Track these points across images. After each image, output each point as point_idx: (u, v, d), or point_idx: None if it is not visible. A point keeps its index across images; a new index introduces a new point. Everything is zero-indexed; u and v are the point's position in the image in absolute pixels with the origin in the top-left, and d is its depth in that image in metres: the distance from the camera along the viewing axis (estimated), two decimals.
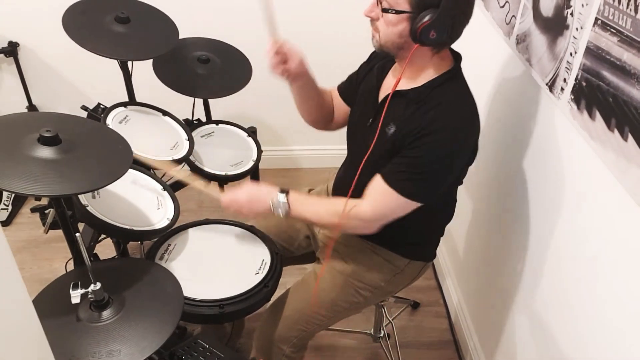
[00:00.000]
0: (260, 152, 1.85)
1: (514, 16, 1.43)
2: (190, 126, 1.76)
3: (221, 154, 1.79)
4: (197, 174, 1.66)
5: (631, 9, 0.92)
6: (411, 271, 1.41)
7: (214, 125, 1.91)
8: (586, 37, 1.06)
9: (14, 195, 2.36)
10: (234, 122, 1.93)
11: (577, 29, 1.10)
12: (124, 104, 1.64)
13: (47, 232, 1.30)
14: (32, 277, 2.10)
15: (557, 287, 1.22)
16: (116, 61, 1.66)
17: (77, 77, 2.45)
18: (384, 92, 1.29)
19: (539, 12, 1.28)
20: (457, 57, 1.22)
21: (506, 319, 1.51)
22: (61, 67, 2.42)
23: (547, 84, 1.23)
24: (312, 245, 1.55)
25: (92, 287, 1.02)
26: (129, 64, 1.71)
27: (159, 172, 1.49)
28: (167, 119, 1.71)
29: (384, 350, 1.88)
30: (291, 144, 2.74)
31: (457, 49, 1.24)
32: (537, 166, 1.32)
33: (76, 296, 1.00)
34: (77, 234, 1.03)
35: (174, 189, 1.50)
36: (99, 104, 1.67)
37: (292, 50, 1.30)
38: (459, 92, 1.20)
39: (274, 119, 2.65)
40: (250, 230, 1.46)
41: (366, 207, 1.21)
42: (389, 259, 1.38)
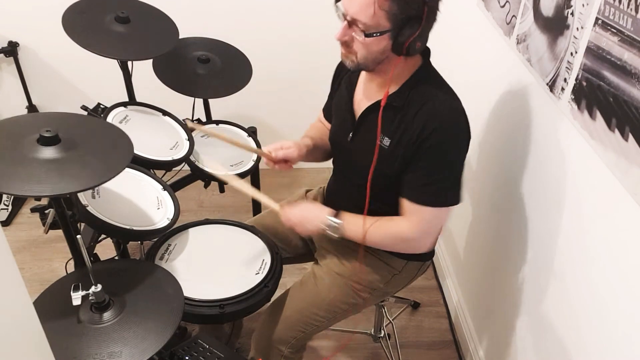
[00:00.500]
0: None
1: (514, 16, 1.42)
2: None
3: (221, 154, 1.79)
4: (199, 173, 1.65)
5: (632, 9, 0.92)
6: (409, 272, 1.41)
7: (214, 125, 1.90)
8: (587, 37, 1.06)
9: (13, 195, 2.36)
10: (234, 122, 1.93)
11: (577, 29, 1.10)
12: (124, 104, 1.64)
13: (47, 232, 1.30)
14: (32, 277, 2.10)
15: (558, 287, 1.22)
16: (116, 61, 1.66)
17: (77, 77, 2.45)
18: (357, 104, 1.29)
19: (539, 12, 1.28)
20: (424, 51, 1.20)
21: (506, 319, 1.51)
22: (61, 67, 2.42)
23: (547, 84, 1.23)
24: (310, 246, 1.55)
25: (93, 288, 1.02)
26: (129, 64, 1.71)
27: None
28: (167, 119, 1.71)
29: (384, 350, 1.88)
30: None
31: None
32: (538, 166, 1.32)
33: (77, 298, 1.00)
34: (78, 236, 1.03)
35: (174, 189, 1.50)
36: (99, 104, 1.67)
37: (285, 150, 1.32)
38: (436, 84, 1.20)
39: (274, 119, 2.65)
40: (250, 230, 1.46)
41: (408, 229, 1.22)
42: (387, 260, 1.38)
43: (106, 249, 1.61)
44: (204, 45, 1.86)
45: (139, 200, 1.38)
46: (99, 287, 1.03)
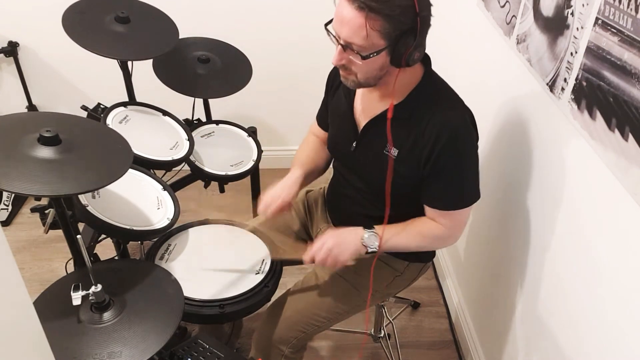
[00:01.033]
0: (260, 152, 1.85)
1: (514, 16, 1.42)
2: (190, 126, 1.76)
3: (221, 154, 1.79)
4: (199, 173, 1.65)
5: (632, 9, 0.92)
6: (410, 273, 1.42)
7: (214, 125, 1.90)
8: (587, 37, 1.06)
9: (14, 195, 2.36)
10: (234, 122, 1.93)
11: (577, 29, 1.10)
12: (124, 104, 1.64)
13: (47, 232, 1.30)
14: (32, 277, 2.10)
15: (558, 287, 1.22)
16: (116, 61, 1.66)
17: (77, 77, 2.45)
18: (359, 114, 1.28)
19: (539, 12, 1.28)
20: (424, 59, 1.19)
21: (507, 319, 1.51)
22: (61, 67, 2.42)
23: (547, 84, 1.23)
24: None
25: (93, 288, 1.02)
26: (129, 63, 1.71)
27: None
28: (167, 119, 1.71)
29: (384, 350, 1.88)
30: (291, 144, 2.74)
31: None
32: (538, 166, 1.32)
33: (77, 298, 1.00)
34: (78, 236, 1.03)
35: (174, 189, 1.50)
36: (99, 104, 1.67)
37: (278, 203, 1.30)
38: (440, 91, 1.20)
39: (274, 119, 2.65)
40: (250, 230, 1.46)
41: (441, 231, 1.24)
42: (388, 262, 1.38)
43: (106, 249, 1.61)
44: (204, 45, 1.86)
45: (139, 200, 1.38)
46: (99, 287, 1.03)
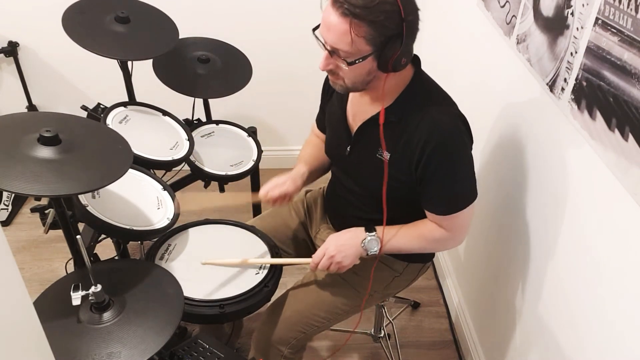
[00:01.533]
0: (260, 152, 1.85)
1: (514, 16, 1.42)
2: (190, 126, 1.76)
3: (221, 154, 1.79)
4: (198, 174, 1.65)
5: (632, 9, 0.92)
6: (410, 274, 1.42)
7: (214, 125, 1.90)
8: (587, 37, 1.06)
9: (14, 195, 2.37)
10: (234, 122, 1.93)
11: (577, 29, 1.10)
12: (124, 104, 1.64)
13: (47, 232, 1.30)
14: (32, 277, 2.10)
15: (558, 287, 1.22)
16: (116, 61, 1.66)
17: (77, 77, 2.45)
18: (351, 119, 1.29)
19: (539, 12, 1.28)
20: (413, 60, 1.19)
21: (507, 318, 1.51)
22: (61, 67, 2.42)
23: (547, 84, 1.23)
24: (310, 247, 1.55)
25: (92, 289, 1.02)
26: (129, 64, 1.71)
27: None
28: (167, 119, 1.70)
29: (384, 350, 1.88)
30: (291, 144, 2.74)
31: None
32: (538, 166, 1.32)
33: (77, 298, 1.00)
34: (78, 236, 1.03)
35: (174, 189, 1.50)
36: (99, 104, 1.67)
37: (280, 187, 1.32)
38: (430, 93, 1.20)
39: (274, 119, 2.65)
40: (250, 230, 1.46)
41: (442, 233, 1.24)
42: (388, 262, 1.38)
43: (106, 249, 1.61)
44: (204, 45, 1.86)
45: (139, 200, 1.38)
46: (99, 287, 1.03)
